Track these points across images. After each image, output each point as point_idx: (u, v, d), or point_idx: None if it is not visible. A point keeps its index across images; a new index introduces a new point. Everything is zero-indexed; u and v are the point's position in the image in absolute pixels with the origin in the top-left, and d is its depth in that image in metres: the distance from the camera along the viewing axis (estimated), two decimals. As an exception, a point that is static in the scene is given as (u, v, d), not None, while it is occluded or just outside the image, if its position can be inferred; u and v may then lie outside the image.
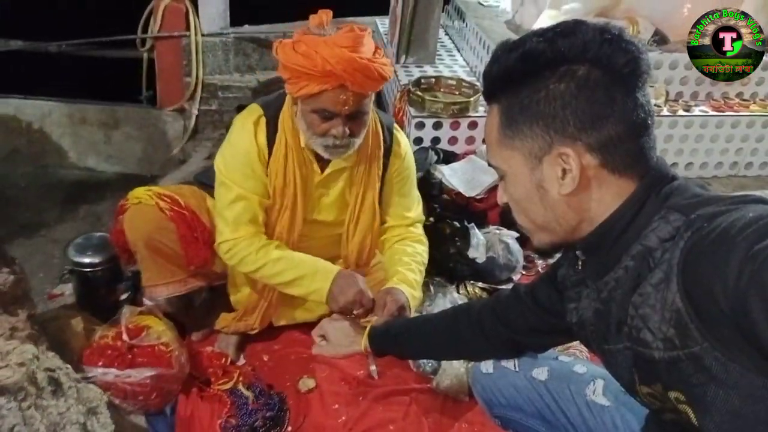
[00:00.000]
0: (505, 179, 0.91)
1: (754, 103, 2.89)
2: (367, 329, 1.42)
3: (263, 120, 1.62)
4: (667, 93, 2.81)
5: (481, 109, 2.70)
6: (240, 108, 1.72)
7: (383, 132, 1.71)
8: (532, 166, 0.85)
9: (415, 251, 1.76)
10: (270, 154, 1.62)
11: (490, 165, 0.92)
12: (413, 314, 1.62)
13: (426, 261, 1.78)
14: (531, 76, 0.83)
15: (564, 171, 0.82)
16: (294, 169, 1.62)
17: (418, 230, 1.83)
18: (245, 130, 1.61)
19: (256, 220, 1.65)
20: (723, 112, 2.82)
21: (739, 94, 2.94)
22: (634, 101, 0.81)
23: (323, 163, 1.66)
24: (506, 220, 2.29)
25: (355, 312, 1.56)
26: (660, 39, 2.78)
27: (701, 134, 2.83)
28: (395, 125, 1.78)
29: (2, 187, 3.52)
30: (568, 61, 0.81)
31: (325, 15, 1.50)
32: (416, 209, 1.84)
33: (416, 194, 1.86)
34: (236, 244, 1.62)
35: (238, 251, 1.62)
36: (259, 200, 1.64)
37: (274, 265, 1.62)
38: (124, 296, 1.91)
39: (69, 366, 1.37)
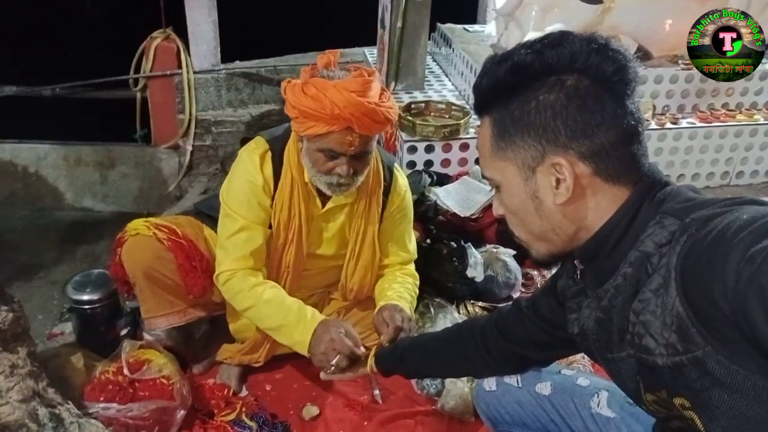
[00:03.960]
0: (500, 191, 0.91)
1: (740, 112, 2.94)
2: (373, 350, 1.42)
3: (269, 154, 1.63)
4: (654, 107, 2.85)
5: (472, 131, 2.73)
6: (244, 141, 1.73)
7: (384, 170, 1.73)
8: (525, 177, 0.86)
9: (405, 281, 1.77)
10: (275, 187, 1.62)
11: (484, 177, 0.93)
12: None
13: (416, 293, 1.79)
14: (521, 87, 0.84)
15: (558, 180, 0.83)
16: (299, 202, 1.63)
17: (411, 267, 1.85)
18: (251, 162, 1.62)
19: (258, 254, 1.63)
20: (710, 123, 2.86)
21: (725, 105, 2.98)
22: (624, 109, 0.82)
23: (324, 198, 1.67)
24: (503, 238, 2.29)
25: (332, 362, 1.42)
26: (643, 55, 2.83)
27: (690, 146, 2.87)
28: (396, 165, 1.80)
29: (0, 231, 3.52)
30: (557, 71, 0.82)
31: (332, 55, 1.52)
32: (412, 247, 1.86)
33: (412, 233, 1.87)
34: (234, 275, 1.60)
35: (235, 283, 1.59)
36: (263, 231, 1.63)
37: (261, 308, 1.58)
38: (124, 332, 1.90)
39: (70, 402, 1.36)
